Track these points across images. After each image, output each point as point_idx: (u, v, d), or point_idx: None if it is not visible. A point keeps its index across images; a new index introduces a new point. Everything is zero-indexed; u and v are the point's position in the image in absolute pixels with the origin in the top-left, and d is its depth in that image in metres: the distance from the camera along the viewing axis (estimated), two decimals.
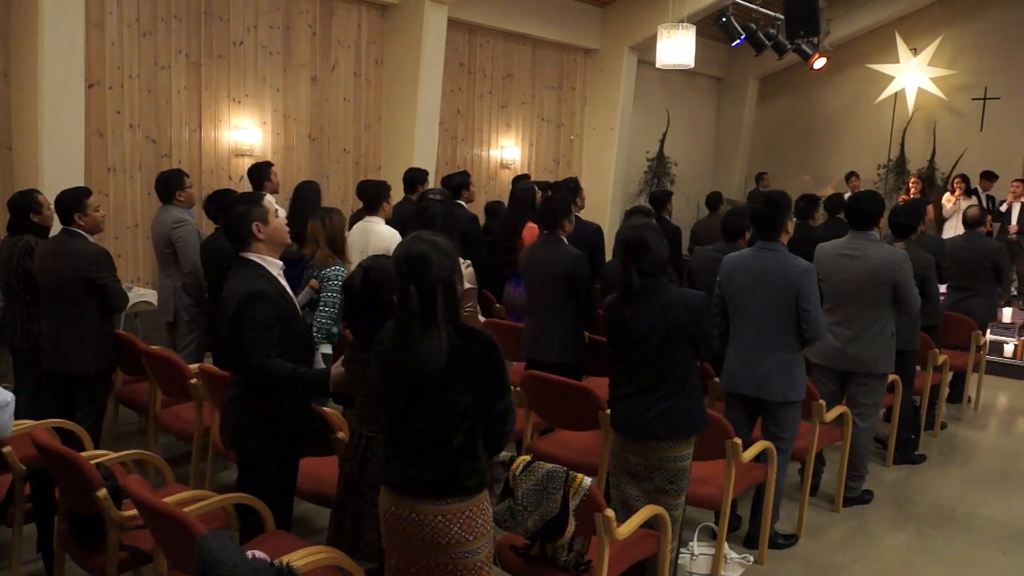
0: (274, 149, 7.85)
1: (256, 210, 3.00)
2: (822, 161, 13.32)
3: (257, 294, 2.88)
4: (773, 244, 3.78)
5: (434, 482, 2.36)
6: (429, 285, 2.30)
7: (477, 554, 2.40)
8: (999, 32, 11.72)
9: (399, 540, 2.45)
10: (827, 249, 4.47)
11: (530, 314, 4.73)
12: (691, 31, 8.38)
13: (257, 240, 2.99)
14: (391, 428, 2.47)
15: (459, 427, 2.36)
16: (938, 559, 4.11)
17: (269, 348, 2.87)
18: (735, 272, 3.86)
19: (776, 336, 3.75)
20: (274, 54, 7.75)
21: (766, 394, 3.79)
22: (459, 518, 2.36)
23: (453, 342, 2.31)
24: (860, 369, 4.41)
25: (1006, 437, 6.18)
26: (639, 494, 3.23)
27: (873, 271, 4.26)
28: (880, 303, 4.31)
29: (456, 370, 2.32)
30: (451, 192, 6.39)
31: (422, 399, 2.36)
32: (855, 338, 4.36)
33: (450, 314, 2.34)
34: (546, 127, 10.86)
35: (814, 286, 3.71)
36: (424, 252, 2.31)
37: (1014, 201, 10.01)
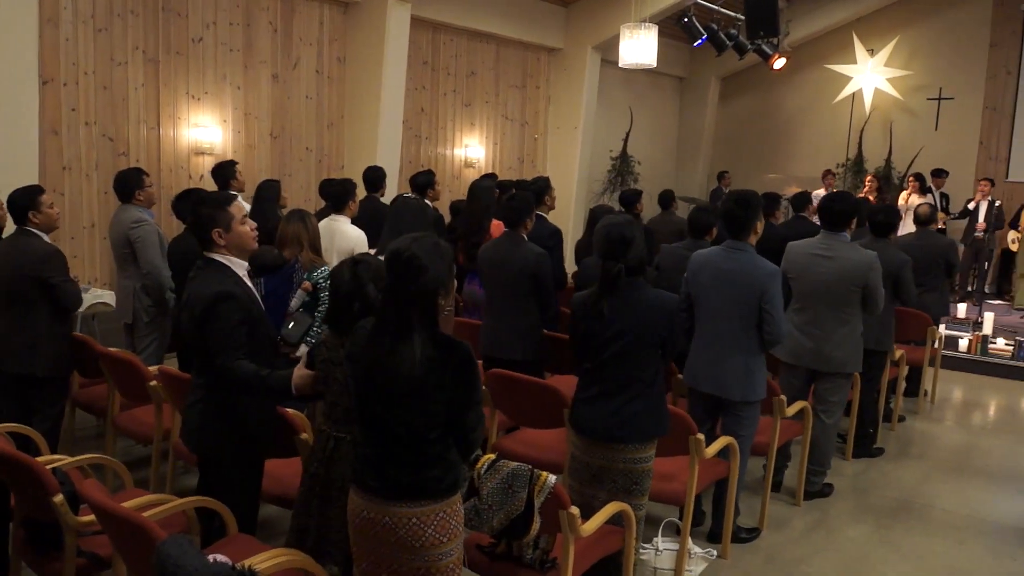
0: (235, 147, 7.75)
1: (220, 215, 2.93)
2: (782, 160, 13.52)
3: (225, 295, 2.84)
4: (742, 244, 3.80)
5: (408, 485, 2.35)
6: (417, 290, 2.27)
7: (450, 555, 2.40)
8: (952, 34, 11.99)
9: (370, 543, 2.42)
10: (800, 248, 4.50)
11: (489, 312, 4.73)
12: (653, 31, 8.44)
13: (217, 245, 2.94)
14: (364, 431, 2.44)
15: (431, 433, 2.35)
16: (895, 550, 4.20)
17: (235, 349, 2.82)
18: (702, 270, 3.89)
19: (738, 336, 3.78)
20: (234, 51, 7.65)
21: (725, 393, 3.83)
22: (433, 520, 2.35)
23: (430, 352, 2.29)
24: (830, 368, 4.48)
25: (961, 430, 6.33)
26: (603, 496, 3.21)
27: (845, 272, 4.32)
28: (851, 303, 4.37)
29: (431, 379, 2.30)
30: (416, 190, 6.38)
31: (397, 405, 2.34)
32: (826, 338, 4.41)
33: (429, 322, 2.32)
34: (510, 126, 10.87)
35: (779, 289, 3.74)
36: (417, 255, 2.27)
37: (981, 200, 10.23)
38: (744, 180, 12.70)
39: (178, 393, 3.77)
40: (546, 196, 6.00)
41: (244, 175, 7.76)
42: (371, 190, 6.38)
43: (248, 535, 2.91)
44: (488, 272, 4.70)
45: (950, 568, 4.02)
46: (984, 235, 10.03)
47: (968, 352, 7.97)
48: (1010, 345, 7.88)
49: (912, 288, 5.11)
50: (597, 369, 3.21)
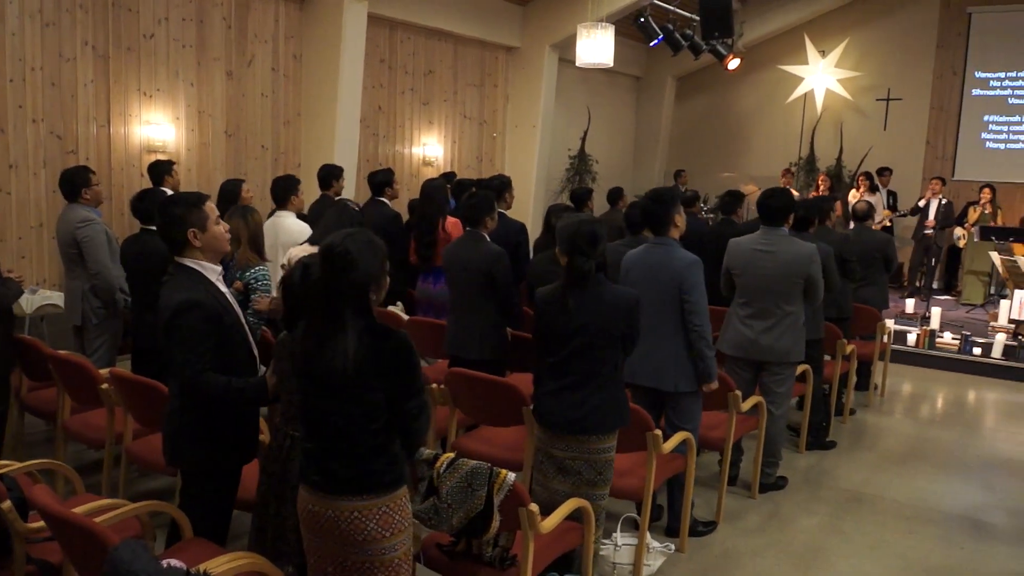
0: (188, 145, 7.62)
1: (194, 215, 2.83)
2: (737, 159, 13.72)
3: (189, 304, 2.73)
4: (664, 239, 3.91)
5: (350, 479, 2.36)
6: (347, 283, 2.29)
7: (395, 550, 2.41)
8: (900, 36, 12.28)
9: (317, 539, 2.44)
10: (742, 244, 4.61)
11: (452, 311, 4.73)
12: (610, 30, 8.51)
13: (193, 247, 2.85)
14: (306, 426, 2.46)
15: (372, 425, 2.36)
16: (847, 540, 4.29)
17: (201, 362, 2.73)
18: (632, 267, 3.99)
19: (667, 328, 3.86)
20: (187, 47, 7.52)
21: (660, 384, 3.91)
22: (375, 514, 2.36)
23: (365, 341, 2.30)
24: (774, 359, 4.57)
25: (910, 422, 6.50)
26: (566, 489, 3.25)
27: (786, 265, 4.42)
28: (792, 295, 4.48)
29: (368, 369, 2.31)
30: (374, 189, 6.34)
31: (335, 397, 2.35)
32: (769, 329, 4.51)
33: (363, 313, 2.33)
34: (468, 124, 10.86)
35: (699, 278, 3.83)
36: (348, 250, 2.30)
37: (932, 198, 10.50)
38: (700, 179, 12.88)
39: (131, 396, 3.71)
40: (506, 194, 6.03)
41: (198, 174, 7.69)
42: (323, 188, 6.33)
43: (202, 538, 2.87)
44: (451, 272, 4.70)
45: (900, 557, 4.12)
46: (933, 232, 10.31)
47: (916, 346, 8.18)
48: (956, 339, 8.10)
49: (834, 281, 5.24)
50: (561, 363, 3.26)
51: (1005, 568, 4.06)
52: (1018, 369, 7.69)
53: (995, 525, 4.55)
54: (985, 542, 4.33)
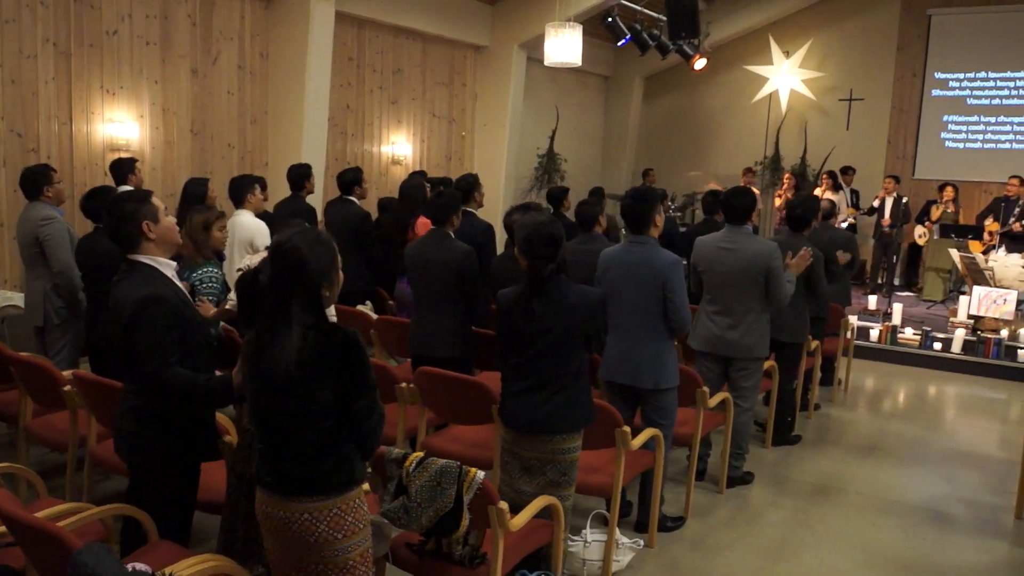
0: (153, 144, 7.52)
1: (146, 208, 2.84)
2: (704, 158, 13.84)
3: (153, 298, 2.73)
4: (643, 238, 3.94)
5: (300, 479, 2.35)
6: (296, 281, 2.29)
7: (348, 552, 2.39)
8: (862, 37, 12.48)
9: (274, 540, 2.44)
10: (707, 243, 4.67)
11: (417, 309, 4.72)
12: (578, 30, 8.54)
13: (147, 240, 2.83)
14: (258, 425, 2.45)
15: (321, 424, 2.35)
16: (813, 533, 4.36)
17: (166, 356, 2.72)
18: (611, 266, 4.01)
19: (648, 326, 3.90)
20: (151, 44, 7.41)
21: (638, 382, 3.95)
22: (326, 516, 2.35)
23: (311, 339, 2.29)
24: (739, 354, 4.63)
25: (873, 416, 6.62)
26: (532, 489, 3.26)
27: (748, 262, 4.49)
28: (755, 292, 4.54)
29: (313, 367, 2.30)
30: (343, 188, 6.31)
31: (283, 397, 2.34)
32: (734, 325, 4.58)
33: (310, 311, 2.32)
34: (437, 123, 10.84)
35: (680, 277, 3.88)
36: (297, 246, 2.30)
37: (886, 196, 10.70)
38: (667, 177, 12.98)
39: (94, 398, 3.65)
40: (475, 193, 6.03)
41: (163, 172, 7.59)
42: (296, 189, 6.27)
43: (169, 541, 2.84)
44: (415, 270, 4.69)
45: (864, 549, 4.20)
46: (890, 230, 10.51)
47: (879, 342, 8.33)
48: (917, 335, 8.27)
49: (821, 285, 5.32)
50: (525, 364, 3.26)
51: (965, 558, 4.15)
52: (977, 364, 7.87)
53: (955, 516, 4.65)
54: (945, 533, 4.43)
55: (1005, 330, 8.07)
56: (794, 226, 5.40)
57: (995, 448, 5.91)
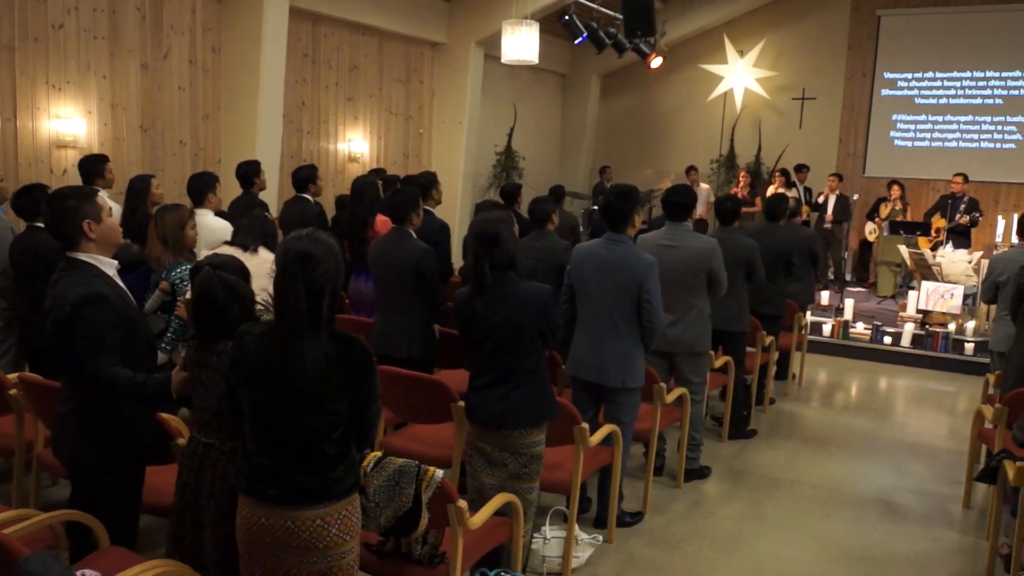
0: (101, 140, 7.34)
1: (88, 207, 2.76)
2: (661, 155, 13.97)
3: (94, 297, 2.67)
4: (621, 236, 3.94)
5: (314, 489, 2.32)
6: (317, 286, 2.24)
7: (351, 553, 2.41)
8: (814, 37, 12.70)
9: (266, 550, 2.36)
10: (649, 240, 4.72)
11: (380, 309, 4.69)
12: (535, 28, 8.55)
13: (87, 239, 2.76)
14: (258, 441, 2.37)
15: (334, 433, 2.34)
16: (768, 525, 4.44)
17: (107, 355, 2.67)
18: (584, 261, 4.00)
19: (619, 325, 3.91)
20: (99, 38, 7.23)
21: (606, 380, 3.96)
22: (336, 520, 2.35)
23: (331, 350, 2.27)
24: (682, 349, 4.69)
25: (826, 410, 6.75)
26: (495, 483, 3.28)
27: (689, 259, 4.54)
28: (697, 288, 4.60)
29: (333, 377, 2.28)
30: (297, 186, 6.23)
31: (296, 408, 2.29)
32: (677, 321, 4.63)
33: (331, 319, 2.30)
34: (395, 120, 10.77)
35: (656, 279, 3.90)
36: (315, 252, 2.26)
37: (830, 194, 10.93)
38: (623, 175, 13.06)
39: (41, 402, 3.55)
40: (433, 190, 6.01)
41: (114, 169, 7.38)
42: (246, 187, 6.17)
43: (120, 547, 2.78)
44: (377, 269, 4.66)
45: (817, 539, 4.28)
46: (832, 226, 10.76)
47: (831, 336, 8.50)
48: (868, 329, 8.45)
49: (761, 272, 5.42)
50: (481, 360, 3.30)
51: (914, 547, 4.26)
52: (925, 357, 8.07)
53: (905, 507, 4.76)
54: (896, 523, 4.53)
55: (952, 324, 8.29)
56: (724, 220, 5.49)
57: (944, 439, 6.06)
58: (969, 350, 7.95)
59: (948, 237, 9.72)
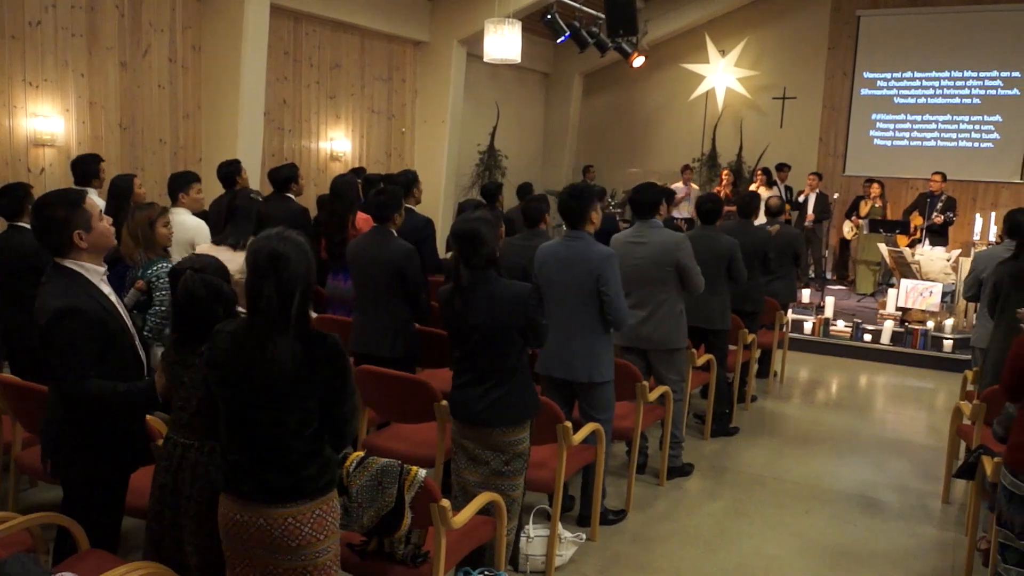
0: (79, 139, 7.26)
1: (78, 216, 2.68)
2: (643, 154, 14.01)
3: (68, 311, 2.60)
4: (579, 233, 3.98)
5: (286, 486, 2.32)
6: (286, 285, 2.24)
7: (327, 552, 2.40)
8: (795, 37, 12.78)
9: (244, 547, 2.37)
10: (619, 238, 4.75)
11: (359, 308, 4.68)
12: (517, 27, 8.54)
13: (77, 249, 2.70)
14: (232, 438, 2.38)
15: (306, 431, 2.33)
16: (750, 522, 4.46)
17: (82, 369, 2.62)
18: (546, 260, 4.03)
19: (582, 320, 3.93)
20: (77, 36, 7.16)
21: (573, 375, 3.98)
22: (310, 519, 2.34)
23: (300, 347, 2.27)
24: (656, 346, 4.71)
25: (807, 407, 6.80)
26: (478, 479, 3.29)
27: (656, 254, 4.56)
28: (666, 284, 4.62)
29: (302, 375, 2.28)
30: (278, 185, 6.19)
31: (267, 405, 2.29)
32: (648, 318, 4.65)
33: (302, 317, 2.29)
34: (377, 119, 10.73)
35: (615, 271, 3.92)
36: (285, 251, 2.26)
37: (810, 193, 11.02)
38: (607, 174, 13.11)
39: (20, 404, 3.52)
40: (414, 189, 5.99)
41: None
42: (229, 186, 6.13)
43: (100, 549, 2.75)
44: (357, 268, 4.64)
45: (799, 536, 4.31)
46: (813, 225, 10.85)
47: (812, 334, 8.56)
48: (849, 327, 8.52)
49: (742, 270, 5.45)
50: (464, 358, 3.31)
51: (895, 542, 4.30)
52: (905, 354, 8.15)
53: (885, 502, 4.81)
54: (876, 519, 4.57)
55: (931, 321, 8.37)
56: (705, 219, 5.53)
57: (923, 436, 6.12)
58: (948, 347, 8.04)
59: (926, 235, 9.82)
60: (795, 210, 11.15)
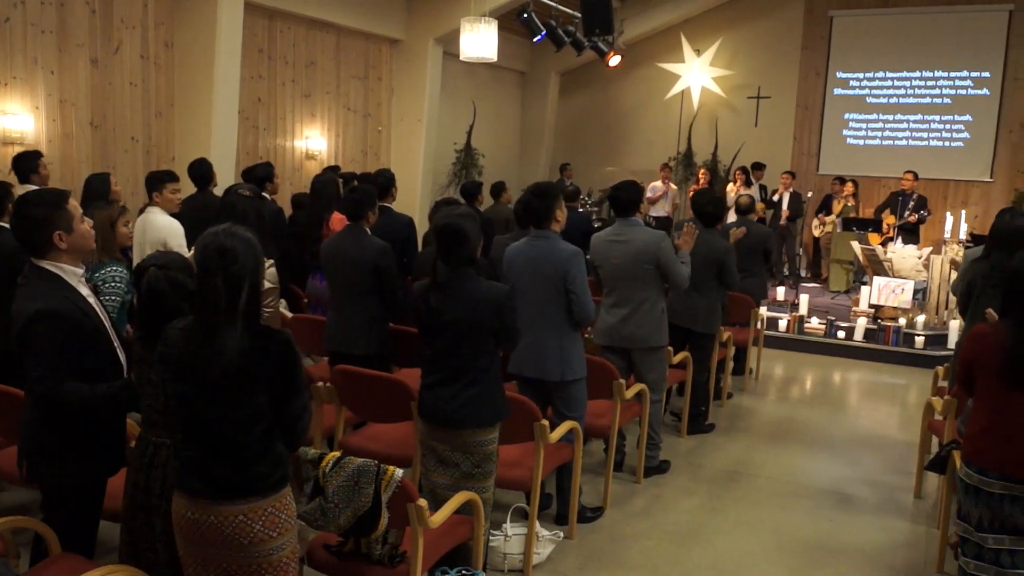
0: (50, 137, 7.16)
1: (59, 216, 2.66)
2: (619, 153, 14.06)
3: (43, 314, 2.57)
4: (546, 232, 3.97)
5: (235, 484, 2.31)
6: (234, 280, 2.24)
7: (282, 550, 2.38)
8: (769, 37, 12.89)
9: (197, 546, 2.36)
10: (600, 237, 4.76)
11: (333, 307, 4.65)
12: (493, 25, 8.54)
13: (57, 250, 2.68)
14: (185, 431, 2.37)
15: (256, 427, 2.32)
16: (725, 518, 4.49)
17: (58, 374, 2.59)
18: (514, 260, 4.04)
19: (551, 318, 3.94)
20: (46, 33, 7.05)
21: (545, 374, 3.98)
22: (261, 516, 2.32)
23: (247, 342, 2.26)
24: (637, 345, 4.72)
25: (782, 403, 6.86)
26: (447, 482, 3.26)
27: (637, 253, 4.57)
28: (648, 282, 4.63)
29: (251, 370, 2.27)
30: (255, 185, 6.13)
31: (217, 401, 2.29)
32: (629, 317, 4.66)
33: (251, 312, 2.29)
34: (353, 117, 10.67)
35: (580, 269, 3.93)
36: (232, 246, 2.26)
37: (784, 191, 11.12)
38: (584, 173, 13.14)
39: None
40: (392, 188, 5.97)
41: (62, 167, 7.23)
42: (201, 186, 6.06)
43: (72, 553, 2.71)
44: (330, 266, 4.62)
45: (774, 531, 4.35)
46: (788, 223, 10.95)
47: (787, 331, 8.64)
48: (823, 324, 8.60)
49: (735, 273, 5.48)
50: (435, 357, 3.28)
51: (868, 537, 4.35)
52: (878, 351, 8.24)
53: (859, 497, 4.86)
54: (850, 513, 4.63)
55: (903, 318, 8.47)
56: (706, 222, 5.54)
57: (895, 431, 6.20)
58: (920, 343, 8.14)
59: (898, 233, 9.94)
60: (770, 208, 11.25)
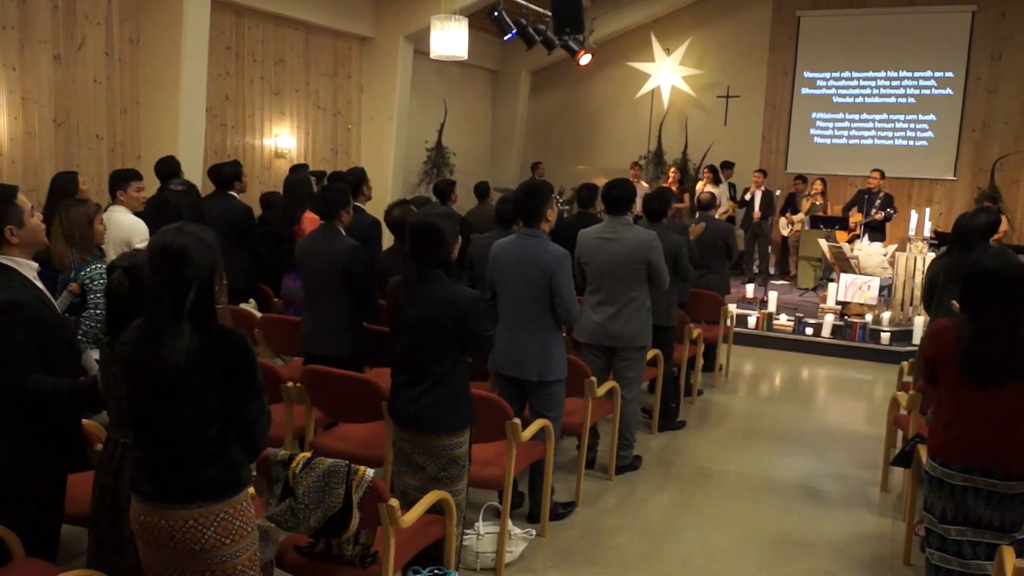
0: (11, 135, 7.01)
1: (9, 211, 2.66)
2: (590, 152, 14.11)
3: (9, 304, 2.57)
4: (535, 231, 3.98)
5: (184, 487, 2.26)
6: (183, 280, 2.20)
7: (236, 557, 2.32)
8: (738, 36, 13.00)
9: (152, 550, 2.32)
10: (589, 234, 4.76)
11: (307, 306, 4.62)
12: (464, 23, 8.51)
13: (9, 244, 2.67)
14: (137, 432, 2.33)
15: (208, 430, 2.27)
16: (696, 514, 4.53)
17: (26, 365, 2.57)
18: (499, 257, 4.04)
19: (534, 318, 3.95)
20: (7, 28, 6.91)
21: (523, 374, 3.99)
22: (213, 521, 2.28)
23: (197, 341, 2.21)
24: (622, 344, 4.74)
25: (752, 400, 6.93)
26: (418, 484, 3.24)
27: (628, 251, 4.60)
28: (637, 281, 4.66)
29: (201, 370, 2.22)
30: (222, 183, 6.06)
31: (167, 401, 2.25)
32: (616, 315, 4.68)
33: (201, 312, 2.24)
34: (323, 115, 10.59)
35: (567, 272, 3.94)
36: (184, 245, 2.22)
37: (756, 190, 11.22)
38: (555, 171, 13.16)
39: None
40: (363, 187, 5.94)
41: (24, 165, 7.11)
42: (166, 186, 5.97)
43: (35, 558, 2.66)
44: (305, 266, 4.58)
45: (743, 526, 4.39)
46: (760, 221, 11.07)
47: (756, 328, 8.73)
48: (791, 321, 8.71)
49: (688, 267, 5.52)
50: (401, 357, 3.27)
51: (836, 529, 4.41)
52: (845, 347, 8.36)
53: (827, 491, 4.93)
54: (818, 507, 4.69)
55: (869, 315, 8.60)
56: (652, 218, 5.55)
57: (862, 425, 6.29)
58: (885, 339, 8.27)
59: (864, 231, 10.08)
60: (742, 207, 11.35)
